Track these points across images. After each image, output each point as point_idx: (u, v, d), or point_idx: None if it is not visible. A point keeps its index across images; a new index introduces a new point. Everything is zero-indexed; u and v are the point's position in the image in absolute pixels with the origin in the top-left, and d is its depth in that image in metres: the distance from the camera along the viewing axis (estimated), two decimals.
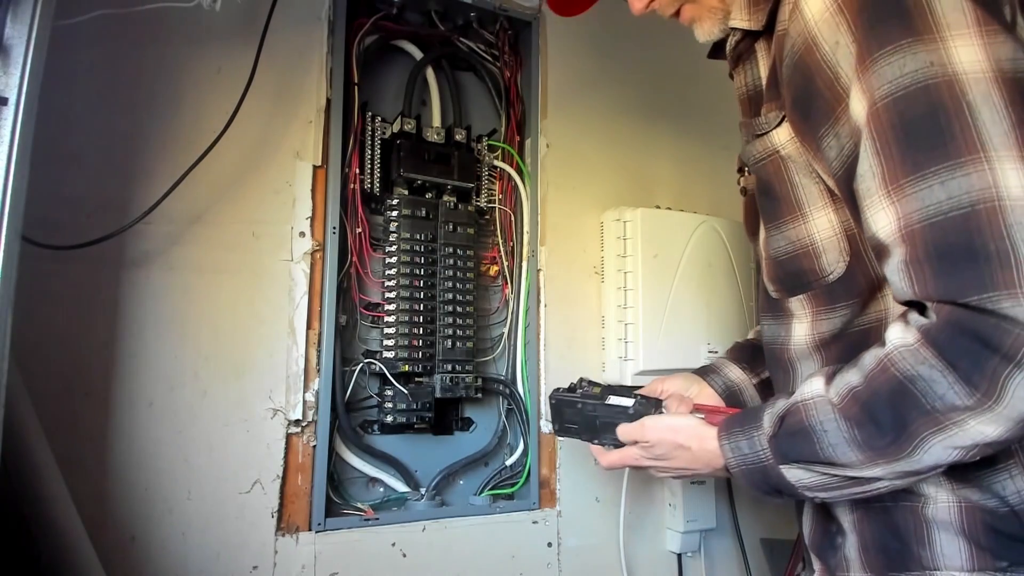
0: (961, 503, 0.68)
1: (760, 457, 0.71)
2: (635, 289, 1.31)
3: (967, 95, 0.57)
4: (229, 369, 1.05)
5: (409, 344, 1.19)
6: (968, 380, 0.57)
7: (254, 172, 1.11)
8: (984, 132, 0.57)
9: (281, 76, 1.14)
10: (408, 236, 1.21)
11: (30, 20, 0.67)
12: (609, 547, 1.32)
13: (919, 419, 0.60)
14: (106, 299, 0.98)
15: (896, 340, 0.62)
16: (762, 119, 0.77)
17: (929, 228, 0.58)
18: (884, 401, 0.62)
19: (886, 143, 0.60)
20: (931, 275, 0.59)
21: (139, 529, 0.97)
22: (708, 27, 0.82)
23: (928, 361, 0.59)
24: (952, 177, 0.57)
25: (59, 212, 0.95)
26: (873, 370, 0.63)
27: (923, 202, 0.58)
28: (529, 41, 1.38)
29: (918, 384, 0.60)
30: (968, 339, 0.57)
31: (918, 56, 0.59)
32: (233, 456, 1.04)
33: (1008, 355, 0.55)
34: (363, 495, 1.18)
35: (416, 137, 1.23)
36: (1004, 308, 0.55)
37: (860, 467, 0.64)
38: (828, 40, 0.64)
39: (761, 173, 0.80)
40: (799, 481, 0.69)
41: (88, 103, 1.00)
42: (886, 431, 0.62)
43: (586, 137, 1.42)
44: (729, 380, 1.01)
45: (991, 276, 0.55)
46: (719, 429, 0.76)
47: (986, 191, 0.56)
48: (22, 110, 0.65)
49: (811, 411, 0.67)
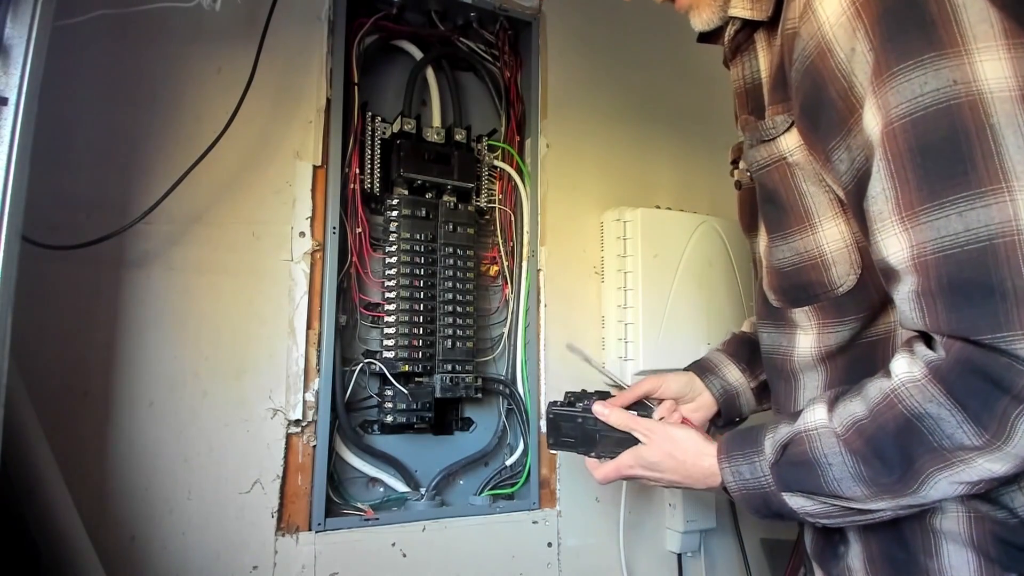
0: (971, 513, 0.66)
1: (761, 483, 0.70)
2: (635, 289, 1.31)
3: (991, 117, 0.54)
4: (229, 369, 1.05)
5: (409, 344, 1.19)
6: (978, 420, 0.56)
7: (254, 172, 1.11)
8: (1008, 160, 0.53)
9: (281, 76, 1.14)
10: (408, 236, 1.21)
11: (30, 20, 0.66)
12: (609, 547, 1.32)
13: (925, 456, 0.59)
14: (106, 299, 0.98)
15: (902, 374, 0.60)
16: (768, 122, 0.74)
17: (944, 260, 0.56)
18: (891, 438, 0.60)
19: (902, 167, 0.57)
20: (943, 309, 0.56)
21: (139, 529, 0.97)
22: (706, 15, 0.78)
23: (936, 399, 0.57)
24: (971, 208, 0.54)
25: (59, 212, 0.95)
26: (879, 404, 0.62)
27: (939, 232, 0.56)
28: (529, 41, 1.38)
29: (925, 422, 0.58)
30: (979, 379, 0.55)
31: (941, 73, 0.55)
32: (233, 456, 1.04)
33: (1019, 396, 0.53)
34: (363, 495, 1.18)
35: (416, 137, 1.23)
36: (1018, 349, 0.53)
37: (865, 501, 0.64)
38: (844, 47, 0.60)
39: (765, 180, 0.76)
40: (801, 508, 0.68)
41: (88, 103, 1.00)
42: (893, 468, 0.61)
43: (586, 137, 1.42)
44: (727, 383, 0.99)
45: (1006, 314, 0.53)
46: (719, 451, 0.75)
47: (1006, 224, 0.53)
48: (22, 110, 0.65)
49: (815, 443, 0.66)
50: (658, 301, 1.31)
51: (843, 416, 0.64)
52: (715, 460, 0.76)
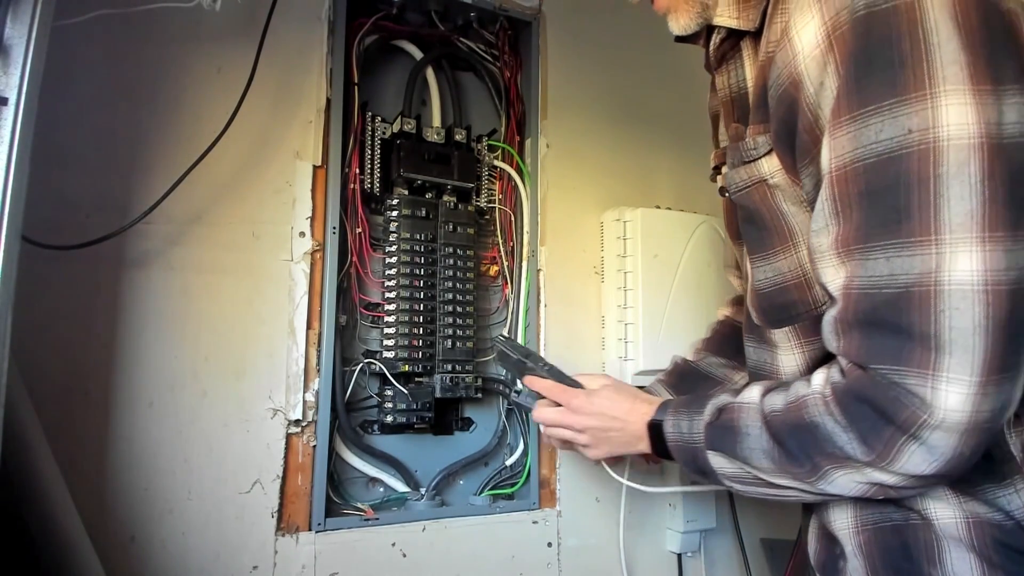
0: (969, 519, 0.67)
1: (695, 439, 0.76)
2: (635, 289, 1.31)
3: (941, 167, 0.55)
4: (229, 369, 1.05)
5: (409, 344, 1.19)
6: (864, 441, 0.61)
7: (254, 172, 1.11)
8: (944, 212, 0.55)
9: (281, 76, 1.14)
10: (408, 236, 1.21)
11: (30, 20, 0.66)
12: (609, 547, 1.32)
13: (820, 456, 0.65)
14: (106, 299, 0.98)
15: (816, 386, 0.66)
16: (748, 143, 0.74)
17: (865, 296, 0.60)
18: (793, 434, 0.67)
19: (846, 207, 0.60)
20: (856, 337, 0.61)
21: (139, 529, 0.97)
22: (684, 21, 0.77)
23: (833, 415, 0.63)
24: (898, 255, 0.57)
25: (59, 212, 0.95)
26: (792, 404, 0.67)
27: (866, 271, 0.59)
28: (529, 41, 1.38)
29: (820, 431, 0.64)
30: (868, 407, 0.60)
31: (898, 120, 0.56)
32: (233, 456, 1.04)
33: (902, 427, 0.58)
34: (363, 495, 1.18)
35: (416, 137, 1.23)
36: (909, 384, 0.57)
37: (769, 474, 0.70)
38: (814, 80, 0.61)
39: (745, 201, 0.77)
40: (720, 468, 0.74)
41: (88, 103, 1.00)
42: (794, 458, 0.67)
43: (586, 137, 1.42)
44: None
45: (908, 352, 0.57)
46: (669, 408, 0.82)
47: (926, 276, 0.56)
48: (22, 110, 0.65)
49: (743, 413, 0.72)
50: (658, 301, 1.31)
51: (769, 402, 0.70)
52: (643, 424, 0.83)
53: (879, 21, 0.57)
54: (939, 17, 0.55)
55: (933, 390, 0.56)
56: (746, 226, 0.79)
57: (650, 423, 0.83)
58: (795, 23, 0.62)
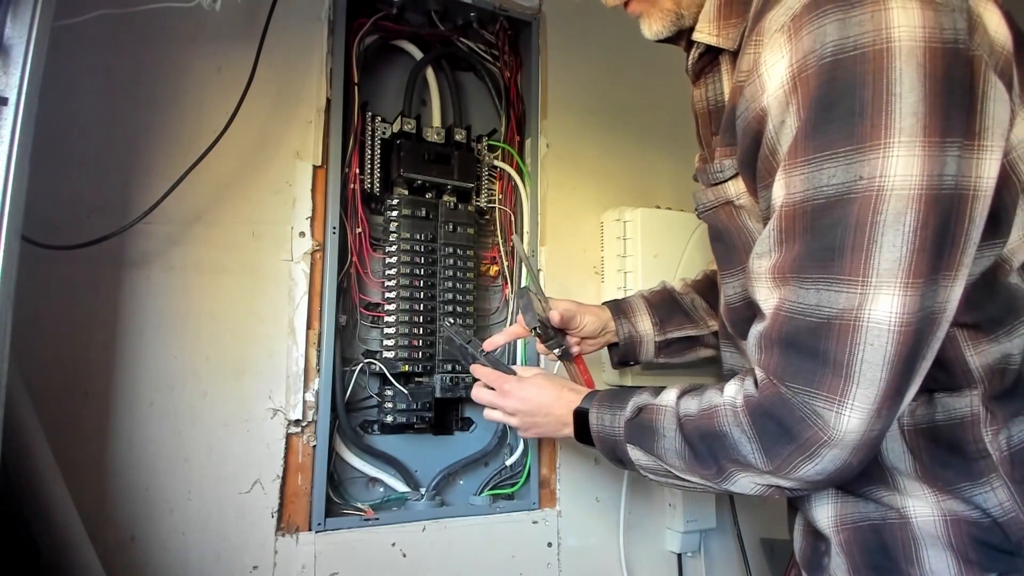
0: (947, 516, 0.69)
1: (615, 432, 0.82)
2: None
3: (880, 215, 0.58)
4: (229, 369, 1.05)
5: (409, 344, 1.19)
6: (766, 453, 0.66)
7: (254, 172, 1.11)
8: (875, 257, 0.58)
9: (281, 76, 1.14)
10: (408, 236, 1.21)
11: (30, 20, 0.66)
12: (609, 547, 1.32)
13: (726, 460, 0.70)
14: (106, 299, 0.98)
15: (728, 396, 0.70)
16: (715, 166, 0.76)
17: (792, 319, 0.63)
18: (703, 439, 0.72)
19: (790, 238, 0.63)
20: (776, 354, 0.65)
21: (139, 529, 0.97)
22: (656, 27, 0.79)
23: (741, 426, 0.67)
24: (827, 289, 0.61)
25: (59, 212, 0.95)
26: (705, 411, 0.72)
27: (797, 297, 0.63)
28: (529, 41, 1.38)
29: (728, 439, 0.69)
30: (774, 423, 0.65)
31: (851, 168, 0.58)
32: (233, 456, 1.04)
33: (802, 446, 0.63)
34: (363, 495, 1.18)
35: (416, 137, 1.23)
36: (817, 405, 0.62)
37: (680, 471, 0.75)
38: (775, 118, 0.63)
39: (712, 220, 0.80)
40: (637, 460, 0.80)
41: (88, 103, 1.00)
42: (703, 459, 0.72)
43: (586, 137, 1.42)
44: (635, 330, 1.08)
45: (820, 377, 0.61)
46: (594, 400, 0.87)
47: (848, 312, 0.60)
48: (22, 110, 0.65)
49: (660, 415, 0.77)
50: None
51: (683, 406, 0.75)
52: (569, 411, 0.89)
53: (844, 68, 0.58)
54: (905, 67, 0.56)
55: (837, 415, 0.61)
56: (715, 244, 0.83)
57: (576, 411, 0.88)
58: (765, 59, 0.63)
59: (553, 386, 0.93)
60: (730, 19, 0.73)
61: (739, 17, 0.73)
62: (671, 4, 0.77)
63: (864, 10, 0.57)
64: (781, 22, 0.62)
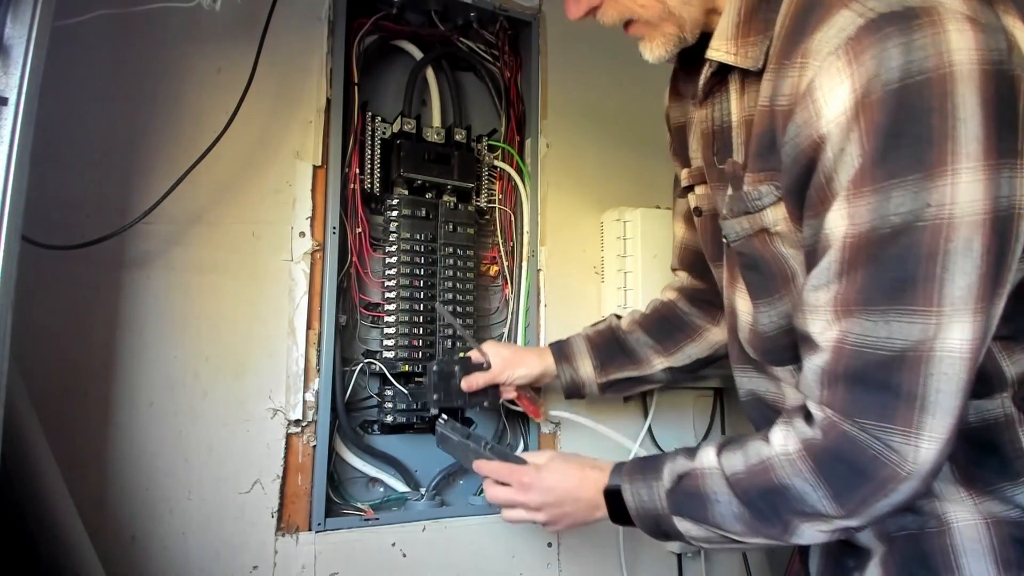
0: (987, 520, 0.69)
1: (657, 506, 0.77)
2: (635, 289, 1.31)
3: (951, 242, 0.57)
4: (229, 369, 1.05)
5: (409, 344, 1.19)
6: (838, 498, 0.64)
7: (254, 172, 1.11)
8: (948, 285, 0.58)
9: (281, 76, 1.14)
10: (408, 236, 1.21)
11: (30, 20, 0.66)
12: (609, 547, 1.32)
13: (790, 514, 0.68)
14: (106, 299, 0.98)
15: (778, 447, 0.68)
16: (752, 193, 0.72)
17: (859, 353, 0.62)
18: (762, 496, 0.69)
19: (854, 269, 0.61)
20: (842, 390, 0.63)
21: (139, 529, 0.97)
22: (659, 52, 0.76)
23: (803, 475, 0.65)
24: (899, 321, 0.59)
25: (59, 212, 0.95)
26: (755, 466, 0.69)
27: (864, 330, 0.61)
28: (529, 41, 1.38)
29: (791, 492, 0.66)
30: (844, 466, 0.63)
31: (919, 196, 0.57)
32: (233, 456, 1.04)
33: (879, 485, 0.62)
34: (363, 495, 1.18)
35: (416, 137, 1.23)
36: (893, 441, 0.60)
37: (742, 536, 0.72)
38: (835, 145, 0.60)
39: (747, 249, 0.76)
40: (687, 531, 0.76)
41: (88, 103, 1.00)
42: (764, 518, 0.69)
43: (586, 137, 1.42)
44: (576, 376, 1.09)
45: (894, 410, 0.60)
46: (623, 475, 0.82)
47: (923, 343, 0.59)
48: (22, 110, 0.65)
49: (707, 480, 0.73)
50: None
51: (728, 464, 0.72)
52: (598, 492, 0.83)
53: (912, 94, 0.57)
54: (967, 91, 0.56)
55: (915, 448, 0.60)
56: (748, 272, 0.79)
57: (607, 490, 0.83)
58: (822, 83, 0.61)
59: (574, 467, 0.87)
60: (748, 37, 0.70)
61: (759, 35, 0.70)
62: (673, 28, 0.75)
63: (924, 33, 0.57)
64: (835, 44, 0.60)
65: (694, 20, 0.74)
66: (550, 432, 1.30)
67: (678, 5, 0.73)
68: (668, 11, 0.73)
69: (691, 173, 0.92)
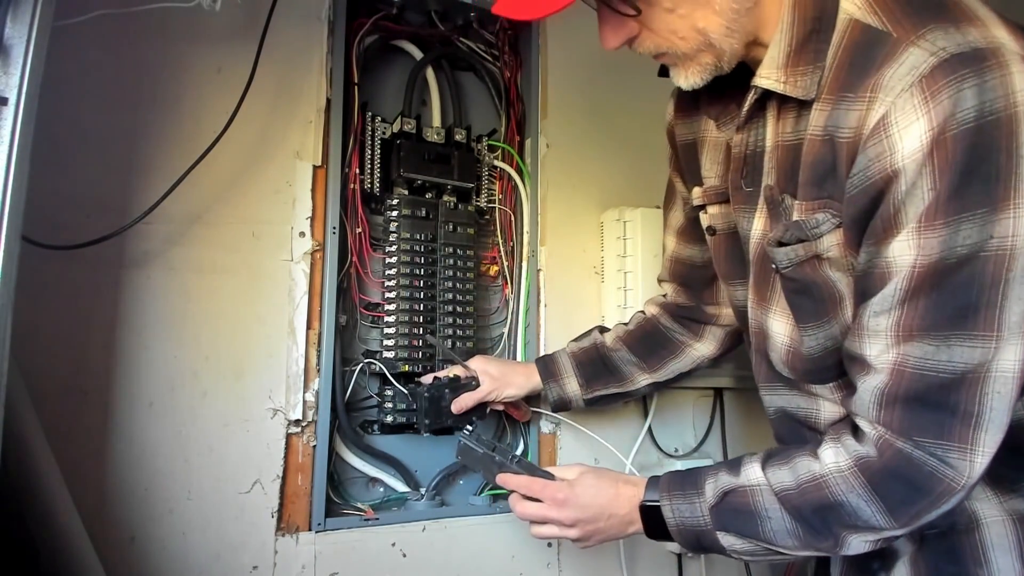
0: (1012, 517, 0.72)
1: (699, 522, 0.79)
2: (635, 289, 1.31)
3: (1011, 271, 0.61)
4: (229, 369, 1.05)
5: (409, 344, 1.19)
6: (892, 513, 0.67)
7: (254, 172, 1.11)
8: (1007, 312, 0.62)
9: (281, 76, 1.14)
10: (408, 236, 1.21)
11: (30, 20, 0.66)
12: (609, 547, 1.32)
13: (842, 527, 0.70)
14: (106, 299, 0.98)
15: (830, 463, 0.71)
16: (809, 221, 0.73)
17: (920, 376, 0.65)
18: (816, 511, 0.71)
19: (916, 297, 0.64)
20: (900, 411, 0.66)
21: (139, 529, 0.97)
22: (693, 79, 0.76)
23: (856, 491, 0.68)
24: (960, 345, 0.63)
25: (59, 212, 0.95)
26: (807, 483, 0.72)
27: (925, 354, 0.65)
28: (529, 41, 1.38)
29: (845, 508, 0.69)
30: (900, 483, 0.66)
31: (985, 228, 0.61)
32: (233, 456, 1.04)
33: (935, 499, 0.65)
34: (363, 495, 1.18)
35: (416, 137, 1.23)
36: (951, 457, 0.64)
37: (793, 550, 0.75)
38: (909, 179, 0.63)
39: (797, 275, 0.77)
40: (731, 546, 0.78)
41: (88, 103, 1.00)
42: (816, 532, 0.72)
43: (586, 137, 1.42)
44: (563, 392, 1.12)
45: (951, 428, 0.64)
46: (664, 490, 0.82)
47: (982, 366, 0.63)
48: (22, 110, 0.65)
49: (757, 497, 0.75)
50: None
51: (776, 480, 0.74)
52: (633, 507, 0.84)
53: (984, 134, 0.60)
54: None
55: (971, 463, 0.64)
56: (797, 297, 0.80)
57: (643, 506, 0.84)
58: (897, 120, 0.63)
59: (607, 483, 0.87)
60: (799, 66, 0.71)
61: (810, 65, 0.70)
62: (711, 58, 0.74)
63: (994, 75, 0.60)
64: (908, 81, 0.62)
65: (734, 52, 0.74)
66: (550, 432, 1.30)
67: (720, 37, 0.72)
68: (708, 43, 0.72)
69: (706, 192, 0.93)
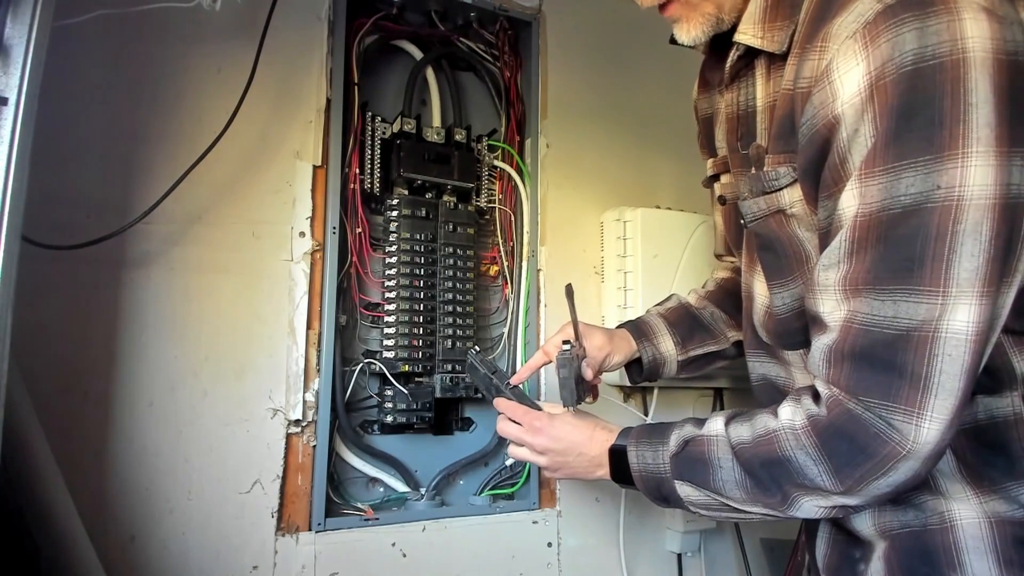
0: (990, 518, 0.69)
1: (660, 469, 0.79)
2: (635, 289, 1.31)
3: (960, 224, 0.58)
4: (229, 369, 1.05)
5: (409, 344, 1.19)
6: (837, 474, 0.65)
7: (254, 172, 1.11)
8: (955, 267, 0.59)
9: (281, 76, 1.14)
10: (408, 236, 1.21)
11: (30, 20, 0.66)
12: (609, 547, 1.32)
13: (791, 486, 0.68)
14: (106, 299, 0.98)
15: (785, 419, 0.69)
16: (770, 173, 0.74)
17: (866, 332, 0.63)
18: (765, 466, 0.70)
19: (862, 249, 0.62)
20: (847, 368, 0.64)
21: (139, 529, 0.97)
22: (695, 32, 0.76)
23: (805, 449, 0.66)
24: (905, 300, 0.60)
25: (59, 212, 0.95)
26: (761, 438, 0.70)
27: (871, 309, 0.62)
28: (529, 41, 1.38)
29: (792, 464, 0.67)
30: (845, 443, 0.64)
31: (929, 177, 0.58)
32: (233, 456, 1.04)
33: (880, 463, 0.62)
34: (363, 495, 1.18)
35: (416, 137, 1.23)
36: (895, 419, 0.61)
37: (741, 503, 0.73)
38: (850, 125, 0.62)
39: (763, 229, 0.78)
40: (687, 496, 0.77)
41: (88, 103, 1.00)
42: (765, 488, 0.70)
43: (586, 137, 1.42)
44: (658, 353, 1.05)
45: (898, 390, 0.61)
46: (632, 437, 0.83)
47: (928, 323, 0.60)
48: (22, 110, 0.65)
49: (712, 446, 0.74)
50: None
51: (735, 434, 0.73)
52: (603, 451, 0.84)
53: (924, 77, 0.58)
54: (979, 76, 0.57)
55: (917, 427, 0.60)
56: (764, 253, 0.80)
57: (611, 449, 0.84)
58: (838, 66, 0.62)
59: (585, 424, 0.89)
60: (775, 21, 0.71)
61: (785, 20, 0.71)
62: (712, 8, 0.75)
63: (940, 20, 0.58)
64: (853, 28, 0.61)
65: (732, 2, 0.74)
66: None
67: None
68: None
69: (716, 162, 0.92)
